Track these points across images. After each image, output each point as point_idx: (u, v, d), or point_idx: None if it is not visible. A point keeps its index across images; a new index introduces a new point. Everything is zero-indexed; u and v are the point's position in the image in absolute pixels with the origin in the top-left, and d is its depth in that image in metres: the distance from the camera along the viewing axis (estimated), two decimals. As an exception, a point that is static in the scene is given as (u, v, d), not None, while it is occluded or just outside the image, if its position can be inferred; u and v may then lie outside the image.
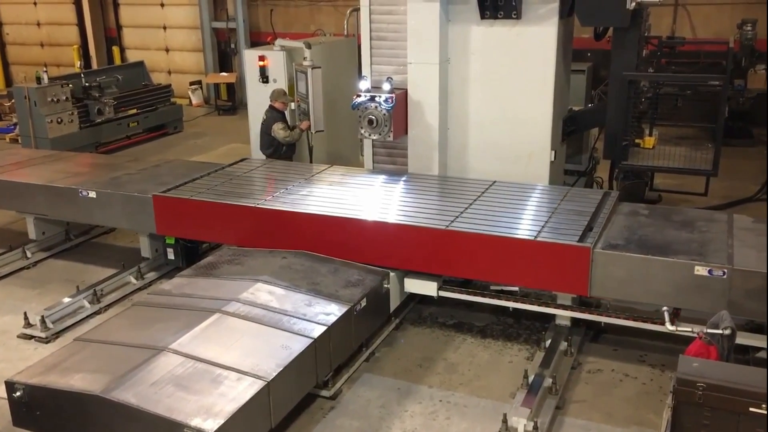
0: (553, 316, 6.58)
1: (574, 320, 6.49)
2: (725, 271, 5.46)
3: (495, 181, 7.50)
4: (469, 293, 6.60)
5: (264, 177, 8.23)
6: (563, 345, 6.26)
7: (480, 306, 6.87)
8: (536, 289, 6.50)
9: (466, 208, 6.76)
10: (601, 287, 5.87)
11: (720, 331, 4.44)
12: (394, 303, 6.65)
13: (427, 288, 6.63)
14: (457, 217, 6.54)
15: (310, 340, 5.32)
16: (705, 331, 4.49)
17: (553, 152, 7.68)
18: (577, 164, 9.27)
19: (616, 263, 5.78)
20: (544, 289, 6.38)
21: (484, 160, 7.85)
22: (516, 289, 6.49)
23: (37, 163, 9.22)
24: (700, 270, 5.51)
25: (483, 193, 7.19)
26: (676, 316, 5.73)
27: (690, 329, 5.02)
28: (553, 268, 5.96)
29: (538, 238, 6.04)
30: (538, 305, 6.41)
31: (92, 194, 7.86)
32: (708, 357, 4.37)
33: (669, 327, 5.25)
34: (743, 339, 5.50)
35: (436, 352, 6.51)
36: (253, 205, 7.09)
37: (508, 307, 6.60)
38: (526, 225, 6.36)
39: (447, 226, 6.33)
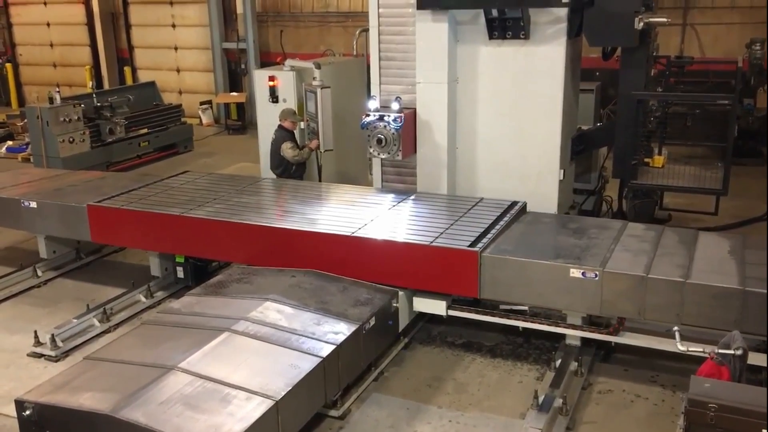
0: (563, 336, 6.55)
1: (584, 340, 6.46)
2: (597, 273, 5.82)
3: (418, 192, 7.92)
4: (478, 312, 6.59)
5: (198, 189, 8.43)
6: (573, 365, 6.22)
7: (489, 325, 6.84)
8: (544, 309, 6.49)
9: (377, 217, 7.17)
10: (490, 289, 6.25)
11: (732, 352, 4.40)
12: (403, 322, 6.64)
13: (436, 307, 6.62)
14: (365, 224, 6.93)
15: (319, 359, 5.31)
16: (716, 351, 4.45)
17: (562, 171, 7.68)
18: (587, 183, 9.26)
19: (501, 266, 6.16)
20: (439, 291, 6.59)
21: (492, 179, 7.86)
22: (526, 308, 6.48)
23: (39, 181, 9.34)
24: (575, 272, 5.89)
25: (397, 203, 7.59)
26: (621, 325, 6.10)
27: (701, 349, 4.98)
28: (446, 271, 6.36)
29: (434, 244, 6.37)
30: (548, 325, 6.39)
31: (33, 204, 8.15)
32: (720, 378, 4.33)
33: (680, 347, 5.21)
34: (755, 359, 5.45)
35: (446, 372, 6.48)
36: (177, 214, 7.43)
37: (518, 327, 6.58)
38: (427, 231, 6.70)
39: (353, 233, 6.72)
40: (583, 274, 5.86)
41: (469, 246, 6.30)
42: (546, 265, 6.02)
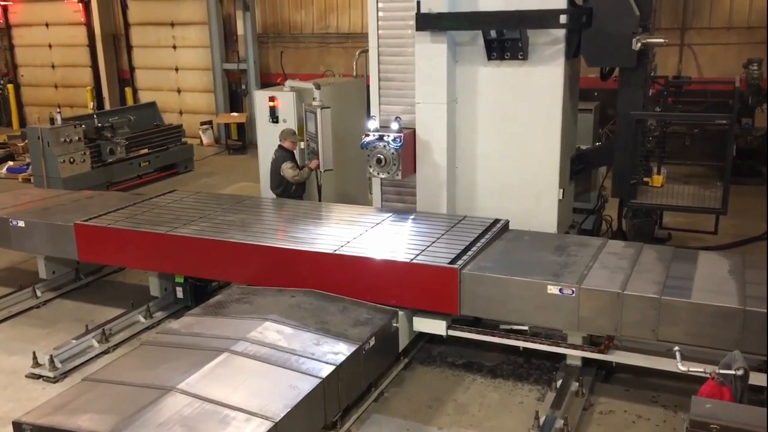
0: (564, 356, 6.52)
1: (585, 360, 6.43)
2: (574, 290, 5.86)
3: (404, 211, 7.98)
4: (478, 332, 6.56)
5: (184, 207, 8.45)
6: (574, 385, 6.20)
7: (490, 345, 6.82)
8: (545, 329, 6.47)
9: (360, 235, 7.16)
10: (469, 306, 6.29)
11: (733, 372, 4.38)
12: (403, 342, 6.62)
13: (436, 327, 6.60)
14: (347, 242, 6.95)
15: (319, 380, 5.28)
16: (717, 371, 4.44)
17: (561, 191, 7.70)
18: (586, 202, 9.29)
19: (481, 283, 6.21)
20: (420, 307, 6.59)
21: (492, 198, 7.88)
22: (526, 328, 6.45)
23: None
24: (552, 289, 5.95)
25: (381, 222, 7.58)
26: (610, 343, 6.09)
27: (702, 369, 4.96)
28: (427, 288, 6.39)
29: (414, 261, 6.41)
30: (549, 345, 6.36)
31: (21, 223, 8.18)
32: (721, 398, 4.31)
33: (680, 367, 5.19)
34: (756, 379, 5.42)
35: (446, 393, 6.45)
36: (162, 233, 7.45)
37: (519, 347, 6.55)
38: (409, 249, 6.73)
39: (334, 251, 6.73)
40: (560, 290, 5.91)
41: (449, 263, 6.33)
42: (524, 282, 6.07)
